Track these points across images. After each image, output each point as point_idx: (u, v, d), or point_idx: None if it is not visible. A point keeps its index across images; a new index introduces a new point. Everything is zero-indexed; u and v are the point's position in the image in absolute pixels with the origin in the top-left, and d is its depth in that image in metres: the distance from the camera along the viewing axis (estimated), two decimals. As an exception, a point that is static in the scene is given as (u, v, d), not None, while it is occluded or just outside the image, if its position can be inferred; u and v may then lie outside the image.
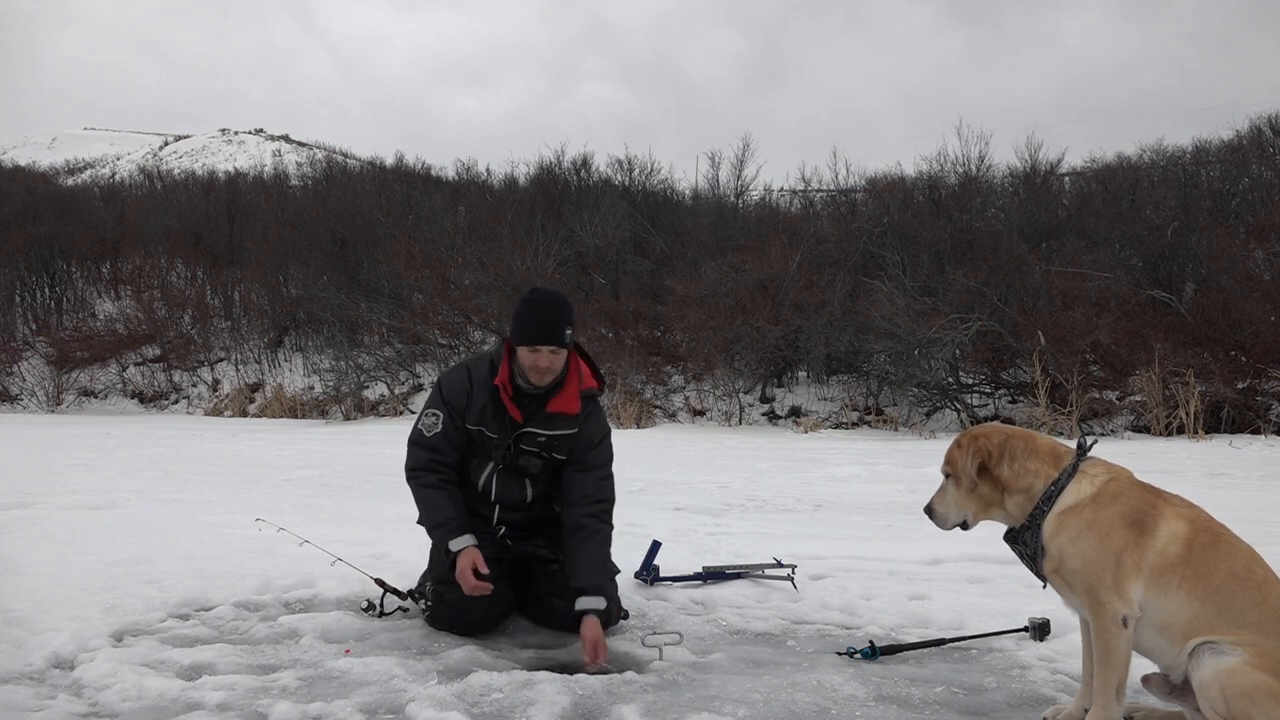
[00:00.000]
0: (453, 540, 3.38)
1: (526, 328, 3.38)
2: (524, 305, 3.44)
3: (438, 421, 3.51)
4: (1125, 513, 2.46)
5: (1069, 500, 2.52)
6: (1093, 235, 17.07)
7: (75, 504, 6.46)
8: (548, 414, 3.48)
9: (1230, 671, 2.25)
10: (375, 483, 8.17)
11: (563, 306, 3.44)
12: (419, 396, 19.01)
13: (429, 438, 3.51)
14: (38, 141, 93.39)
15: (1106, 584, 2.41)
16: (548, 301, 3.45)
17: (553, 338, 3.37)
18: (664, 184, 23.91)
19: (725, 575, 4.20)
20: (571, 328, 3.42)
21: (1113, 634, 2.40)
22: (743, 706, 2.74)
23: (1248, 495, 7.02)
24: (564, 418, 3.50)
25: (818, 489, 7.77)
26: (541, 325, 3.38)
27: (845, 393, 16.23)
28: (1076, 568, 2.46)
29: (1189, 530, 2.43)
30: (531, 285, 3.66)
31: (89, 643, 3.23)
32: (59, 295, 25.02)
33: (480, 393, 3.48)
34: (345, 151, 49.79)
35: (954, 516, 2.71)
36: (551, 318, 3.39)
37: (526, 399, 3.48)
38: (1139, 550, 2.41)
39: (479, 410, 3.48)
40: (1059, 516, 2.52)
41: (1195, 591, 2.36)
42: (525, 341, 3.37)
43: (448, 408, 3.51)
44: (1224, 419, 12.61)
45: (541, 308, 3.42)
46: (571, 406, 3.50)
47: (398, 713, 2.70)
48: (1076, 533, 2.48)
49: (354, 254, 22.00)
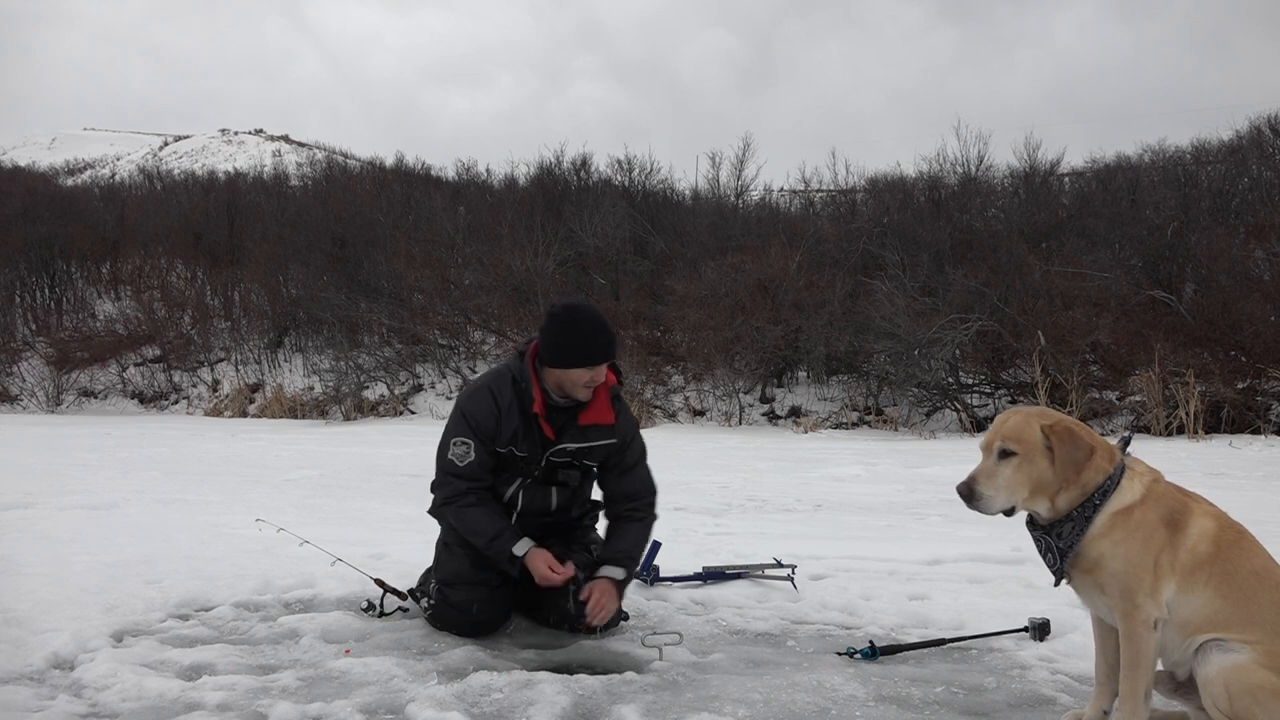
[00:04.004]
0: (515, 546, 3.33)
1: (579, 351, 3.30)
2: (568, 327, 3.32)
3: (469, 450, 3.38)
4: (1164, 514, 2.42)
5: (1124, 499, 2.44)
6: (1093, 235, 17.06)
7: (75, 504, 6.46)
8: (581, 426, 3.42)
9: (1236, 668, 2.24)
10: (375, 483, 8.17)
11: (604, 321, 3.38)
12: (419, 397, 19.01)
13: (463, 468, 3.39)
14: (37, 142, 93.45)
15: (1145, 587, 2.36)
16: (592, 319, 3.35)
17: (607, 354, 3.35)
18: (664, 184, 23.94)
19: (725, 575, 4.20)
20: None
21: (1144, 637, 2.35)
22: (743, 706, 2.74)
23: (1248, 495, 7.03)
24: (599, 428, 3.45)
25: (817, 489, 7.77)
26: (596, 345, 3.32)
27: (845, 393, 16.23)
28: (1117, 570, 2.40)
29: (1217, 528, 2.41)
30: (561, 304, 3.54)
31: (89, 643, 3.23)
32: (59, 295, 25.02)
33: (509, 416, 3.37)
34: (345, 152, 49.82)
35: (1003, 500, 2.47)
36: (603, 334, 3.34)
37: (557, 412, 3.42)
38: (1173, 550, 2.38)
39: (509, 434, 3.38)
40: (1112, 517, 2.43)
41: (1220, 589, 2.35)
42: (579, 364, 3.30)
43: (476, 435, 3.38)
44: (1224, 419, 12.60)
45: (589, 327, 3.32)
46: (606, 416, 3.44)
47: (398, 713, 2.70)
48: (1124, 535, 2.41)
49: (354, 254, 21.99)
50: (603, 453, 3.50)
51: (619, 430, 3.48)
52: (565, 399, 3.40)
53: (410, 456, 10.35)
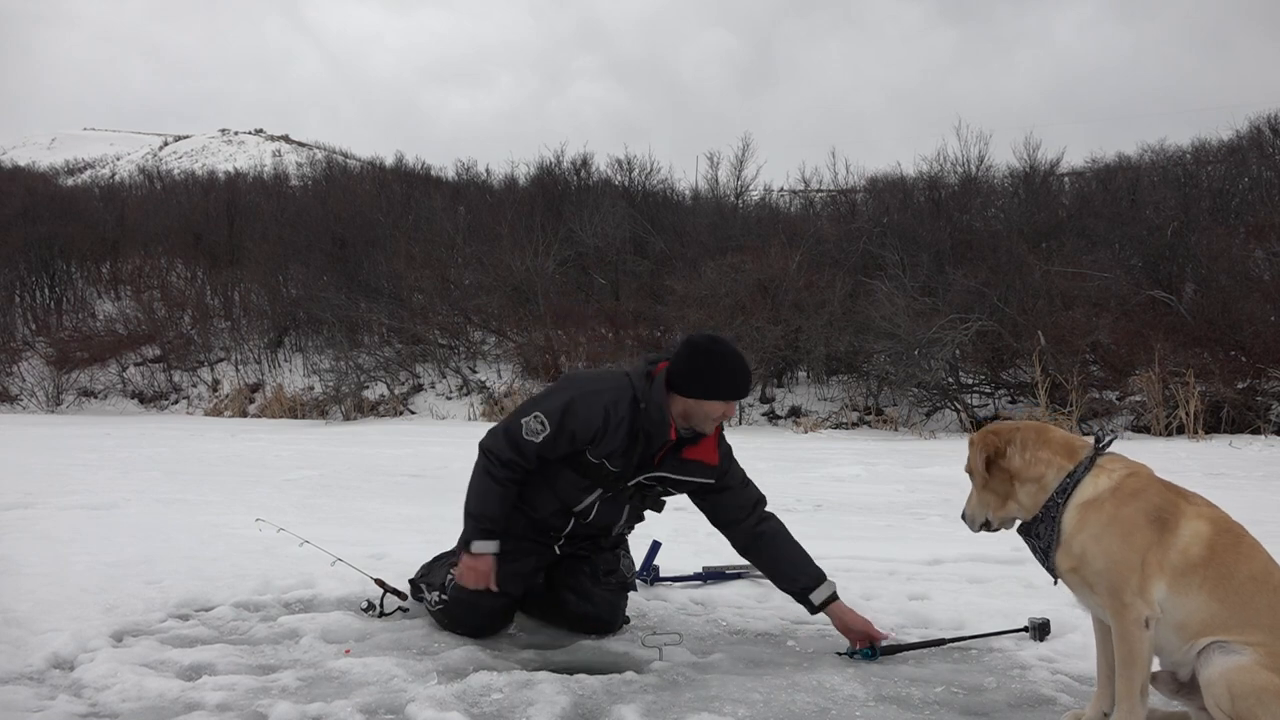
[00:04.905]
0: (480, 542, 3.26)
1: (724, 385, 3.23)
2: (716, 359, 3.24)
3: (544, 429, 3.20)
4: (1147, 510, 2.42)
5: (1086, 493, 2.48)
6: (1093, 235, 17.06)
7: (75, 504, 6.46)
8: (682, 459, 3.33)
9: (1239, 669, 2.24)
10: (375, 483, 8.17)
11: (745, 358, 3.35)
12: (419, 397, 19.01)
13: (525, 440, 3.22)
14: (37, 142, 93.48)
15: (1132, 585, 2.36)
16: (738, 354, 3.30)
17: (748, 390, 3.34)
18: (664, 184, 23.95)
19: (725, 575, 4.20)
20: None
21: (1136, 636, 2.36)
22: (743, 706, 2.74)
23: (1248, 495, 7.03)
24: (701, 466, 3.36)
25: (818, 489, 7.77)
26: (741, 380, 3.27)
27: (845, 393, 16.23)
28: (1100, 568, 2.41)
29: (1211, 531, 2.40)
30: (703, 334, 3.48)
31: (89, 643, 3.23)
32: (59, 295, 25.02)
33: (614, 434, 3.22)
34: (345, 152, 49.86)
35: (978, 516, 2.70)
36: (747, 370, 3.29)
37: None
38: (1162, 549, 2.38)
39: (608, 450, 3.25)
40: (1079, 510, 2.47)
41: (1216, 593, 2.34)
42: (722, 397, 3.24)
43: (561, 429, 3.21)
44: (1224, 419, 12.60)
45: (736, 362, 3.26)
46: (711, 457, 3.36)
47: (398, 713, 2.70)
48: (1099, 530, 2.43)
49: (354, 254, 21.99)
50: (693, 488, 3.42)
51: (719, 471, 3.40)
52: (686, 429, 3.30)
53: (410, 456, 10.36)
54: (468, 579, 3.25)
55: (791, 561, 3.38)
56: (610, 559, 3.53)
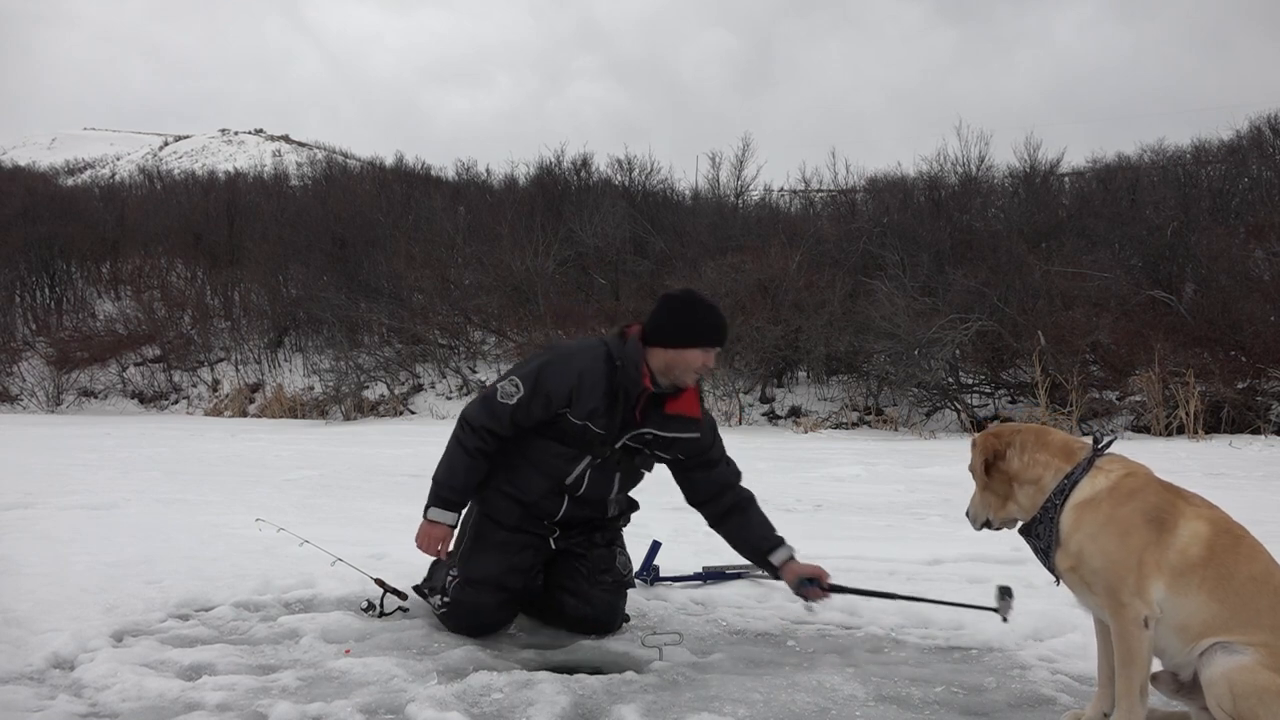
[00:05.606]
0: (439, 510, 3.32)
1: (701, 327, 3.27)
2: (690, 306, 3.32)
3: (518, 391, 3.25)
4: (1145, 510, 2.42)
5: (1084, 494, 2.48)
6: (1093, 235, 17.07)
7: (75, 504, 6.46)
8: (665, 414, 3.35)
9: (1241, 669, 2.24)
10: (375, 483, 8.17)
11: (720, 308, 3.43)
12: (419, 397, 19.02)
13: (499, 403, 3.27)
14: (37, 142, 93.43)
15: (1129, 585, 2.37)
16: (711, 302, 3.37)
17: (725, 337, 3.37)
18: (664, 184, 23.95)
19: (725, 575, 4.20)
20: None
21: (1135, 635, 2.36)
22: (743, 706, 2.74)
23: (1248, 495, 7.02)
24: (684, 420, 3.39)
25: (818, 489, 7.77)
26: (717, 324, 3.32)
27: (845, 393, 16.23)
28: (1097, 567, 2.42)
29: (1210, 531, 2.39)
30: (676, 289, 3.51)
31: (89, 643, 3.23)
32: (59, 295, 25.03)
33: (591, 392, 3.24)
34: (345, 151, 49.85)
35: (980, 515, 2.74)
36: (722, 317, 3.35)
37: (648, 397, 3.34)
38: (1160, 549, 2.38)
39: (587, 410, 3.26)
40: (1076, 510, 2.48)
41: (1215, 593, 2.34)
42: (702, 343, 3.27)
43: (536, 391, 3.25)
44: (1224, 419, 12.61)
45: (709, 307, 3.34)
46: (693, 409, 3.39)
47: (398, 713, 2.70)
48: (1096, 529, 2.43)
49: (354, 254, 22.01)
50: (682, 446, 3.44)
51: (704, 425, 3.46)
52: (667, 383, 3.32)
53: (410, 456, 10.35)
54: (421, 543, 3.36)
55: (757, 530, 3.51)
56: (605, 556, 3.52)
